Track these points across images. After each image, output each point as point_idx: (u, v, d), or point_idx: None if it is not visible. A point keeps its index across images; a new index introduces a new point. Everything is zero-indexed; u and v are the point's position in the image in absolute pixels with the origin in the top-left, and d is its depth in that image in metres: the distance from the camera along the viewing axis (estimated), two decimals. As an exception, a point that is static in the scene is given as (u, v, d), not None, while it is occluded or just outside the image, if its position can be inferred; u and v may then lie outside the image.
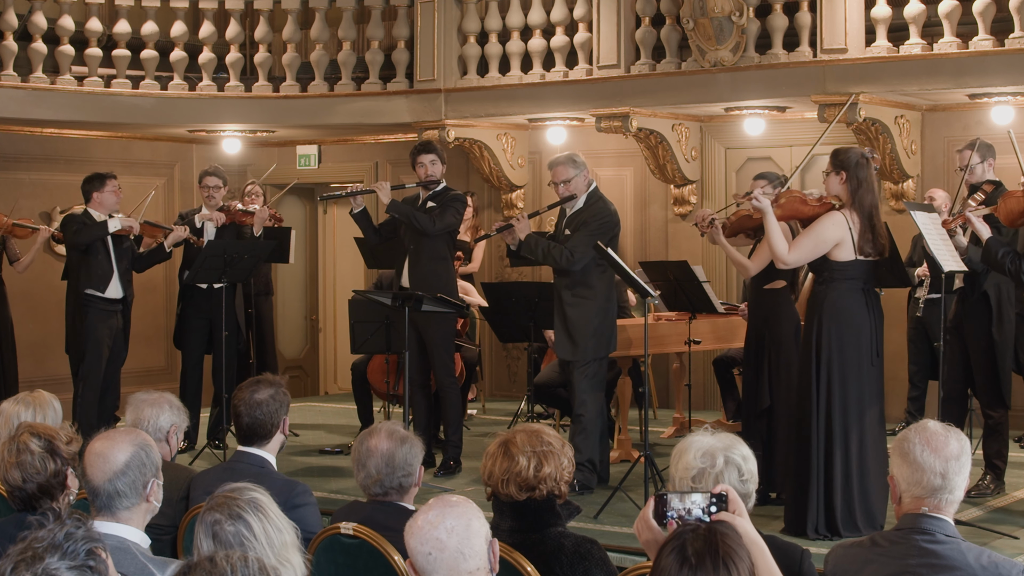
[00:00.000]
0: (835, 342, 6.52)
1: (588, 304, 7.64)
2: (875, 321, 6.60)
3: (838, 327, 6.52)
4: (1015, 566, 3.28)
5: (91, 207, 8.99)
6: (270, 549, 3.13)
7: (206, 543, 3.16)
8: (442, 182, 8.47)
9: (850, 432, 6.51)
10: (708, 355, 9.93)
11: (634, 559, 5.73)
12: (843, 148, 6.74)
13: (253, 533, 3.14)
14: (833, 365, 6.52)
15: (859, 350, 6.55)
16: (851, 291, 6.54)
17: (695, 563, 2.56)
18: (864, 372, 6.56)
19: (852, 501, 6.48)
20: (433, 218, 8.20)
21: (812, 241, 6.54)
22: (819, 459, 6.51)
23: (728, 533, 2.64)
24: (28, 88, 10.84)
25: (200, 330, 9.32)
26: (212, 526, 3.16)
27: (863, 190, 6.51)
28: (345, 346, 10.39)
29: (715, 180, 11.13)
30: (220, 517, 3.17)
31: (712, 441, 3.43)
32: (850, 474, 6.49)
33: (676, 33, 10.16)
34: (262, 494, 3.25)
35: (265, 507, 3.20)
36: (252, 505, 3.18)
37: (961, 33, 9.05)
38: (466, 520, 3.03)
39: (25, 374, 9.84)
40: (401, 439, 4.19)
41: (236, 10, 11.51)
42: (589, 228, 7.66)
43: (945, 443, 3.38)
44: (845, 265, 6.51)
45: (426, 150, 8.44)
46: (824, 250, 6.52)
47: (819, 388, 6.53)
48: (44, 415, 4.92)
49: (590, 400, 7.68)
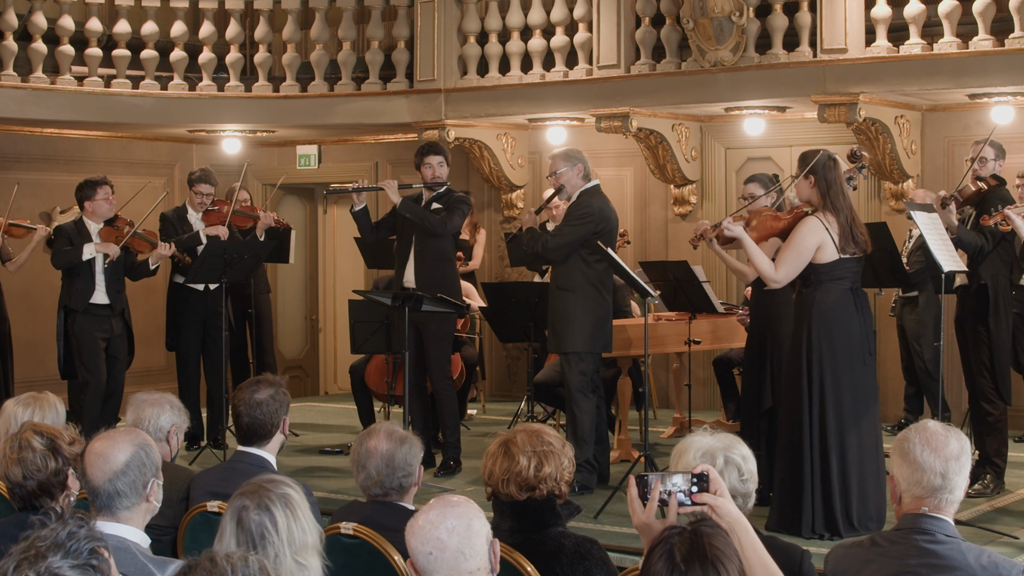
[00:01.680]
0: (825, 344, 6.53)
1: (568, 297, 7.66)
2: (865, 320, 6.60)
3: (828, 329, 6.53)
4: (1015, 566, 3.28)
5: (85, 216, 8.90)
6: (289, 548, 3.15)
7: (230, 526, 3.19)
8: (447, 183, 8.48)
9: (847, 433, 6.51)
10: (708, 355, 9.93)
11: (634, 559, 5.73)
12: (810, 151, 6.74)
13: (276, 528, 3.16)
14: (825, 367, 6.52)
15: (850, 350, 6.55)
16: (838, 292, 6.55)
17: (684, 568, 2.57)
18: (857, 372, 6.56)
19: (850, 501, 6.48)
20: (444, 220, 8.23)
21: (795, 252, 6.56)
22: (815, 461, 6.51)
23: (715, 534, 2.65)
24: (28, 88, 10.84)
25: (195, 331, 9.30)
26: (239, 511, 3.20)
27: (834, 190, 6.53)
28: (345, 346, 10.39)
29: (715, 180, 11.14)
30: (249, 504, 3.20)
31: (712, 441, 3.44)
32: (847, 474, 6.49)
33: (676, 33, 10.16)
34: (296, 491, 3.27)
35: (296, 505, 3.22)
36: (283, 500, 3.21)
37: (961, 33, 9.06)
38: (467, 520, 3.03)
39: (24, 374, 9.83)
40: (401, 439, 4.19)
41: (236, 10, 11.51)
42: (568, 221, 7.73)
43: (945, 443, 3.38)
44: (830, 267, 6.53)
45: (434, 151, 8.43)
46: (808, 258, 6.54)
47: (811, 391, 6.53)
48: (44, 416, 4.92)
49: (582, 400, 7.67)
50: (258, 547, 3.13)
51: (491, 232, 12.03)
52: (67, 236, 8.84)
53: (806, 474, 6.50)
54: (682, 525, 2.71)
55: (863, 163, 7.39)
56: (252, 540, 3.15)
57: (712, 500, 3.02)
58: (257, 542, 3.14)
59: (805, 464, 6.51)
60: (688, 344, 8.63)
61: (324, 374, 13.61)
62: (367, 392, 9.43)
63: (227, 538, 3.18)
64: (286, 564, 3.14)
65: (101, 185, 8.91)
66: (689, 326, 8.61)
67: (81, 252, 8.75)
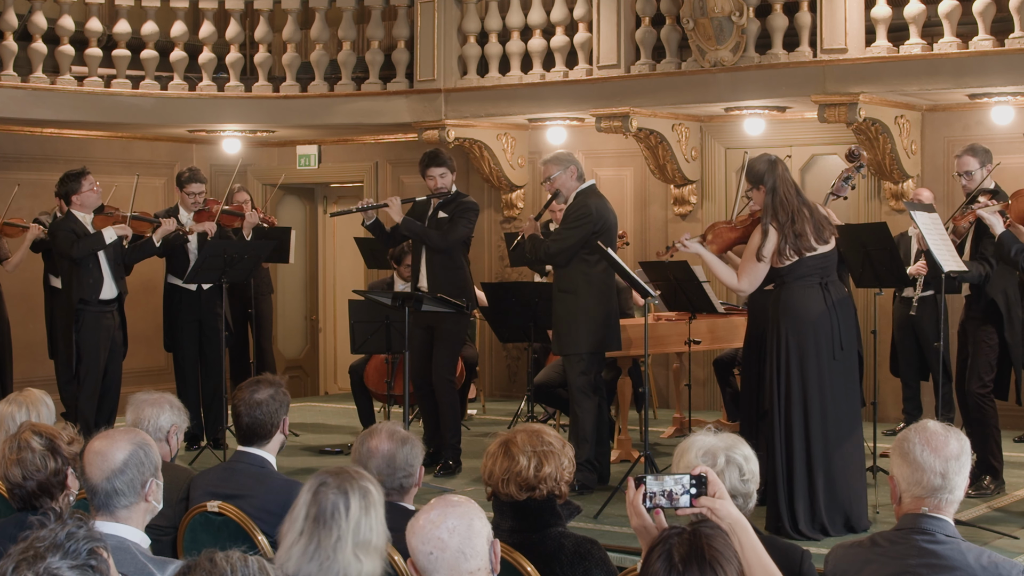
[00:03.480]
0: (792, 339, 6.54)
1: (569, 299, 7.66)
2: (836, 315, 6.58)
3: (792, 324, 6.55)
4: (1015, 566, 3.28)
5: (73, 209, 8.79)
6: (352, 537, 3.19)
7: (305, 495, 3.25)
8: (453, 189, 8.46)
9: (812, 429, 6.49)
10: (708, 355, 9.93)
11: (634, 559, 5.72)
12: (752, 160, 6.77)
13: (348, 514, 3.21)
14: (791, 362, 6.53)
15: (817, 345, 6.54)
16: (804, 288, 6.57)
17: (682, 569, 2.57)
18: (826, 369, 6.55)
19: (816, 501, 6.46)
20: (444, 235, 8.24)
21: (751, 261, 6.63)
22: (781, 459, 6.51)
23: (714, 535, 2.65)
24: (28, 88, 10.83)
25: (191, 331, 9.28)
26: (319, 485, 3.26)
27: (777, 196, 6.53)
28: (345, 346, 10.39)
29: (715, 180, 11.13)
30: (330, 482, 3.25)
31: (714, 441, 3.44)
32: (813, 472, 6.47)
33: (676, 33, 10.16)
34: (378, 491, 3.31)
35: (372, 501, 3.27)
36: (362, 492, 3.26)
37: (961, 33, 9.05)
38: (468, 520, 3.04)
39: (22, 374, 9.83)
40: (402, 440, 4.19)
41: (236, 10, 11.51)
42: (566, 224, 7.74)
43: (945, 443, 3.38)
44: (791, 267, 6.57)
45: (436, 163, 8.35)
46: (765, 264, 6.58)
47: (778, 387, 6.55)
48: (38, 413, 4.92)
49: (584, 401, 7.68)
50: (326, 524, 3.18)
51: (491, 232, 12.03)
52: (69, 229, 8.74)
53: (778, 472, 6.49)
54: (681, 526, 2.71)
55: (861, 163, 7.39)
56: (322, 516, 3.20)
57: (711, 503, 3.02)
58: (326, 520, 3.19)
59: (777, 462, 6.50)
60: (688, 344, 8.62)
61: (324, 374, 13.61)
62: (367, 392, 9.43)
63: (299, 508, 3.24)
64: (345, 552, 3.17)
65: (85, 176, 8.85)
66: (689, 326, 8.60)
67: (103, 237, 8.67)
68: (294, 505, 3.27)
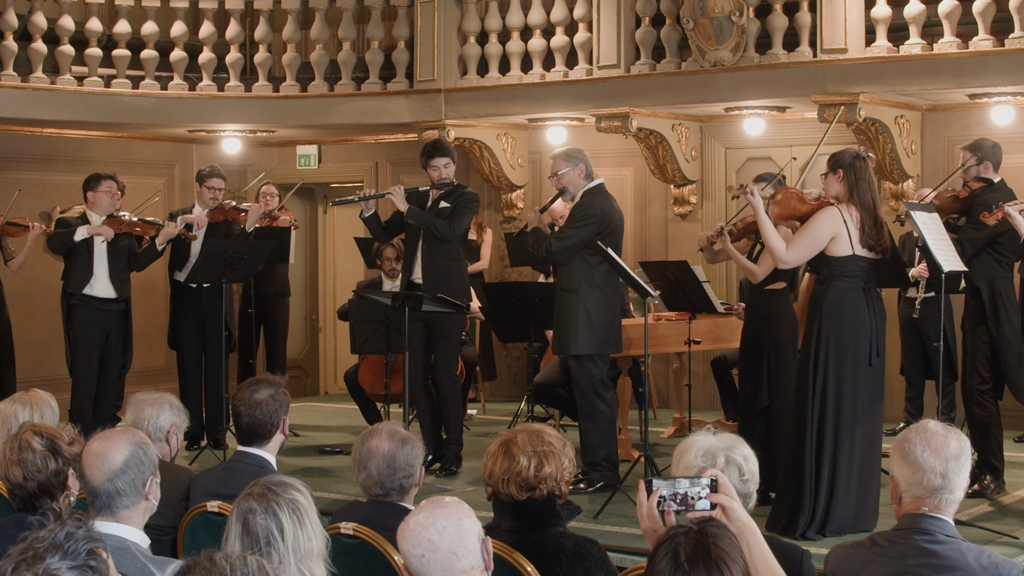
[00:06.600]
0: (833, 342, 6.51)
1: (571, 298, 7.63)
2: (876, 321, 6.58)
3: (836, 327, 6.51)
4: (1015, 566, 3.28)
5: (88, 208, 8.97)
6: (294, 555, 3.12)
7: (235, 528, 3.16)
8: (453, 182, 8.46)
9: (842, 435, 6.49)
10: (708, 355, 9.92)
11: (634, 559, 5.73)
12: (839, 150, 6.74)
13: (283, 534, 3.13)
14: (830, 365, 6.51)
15: (857, 351, 6.52)
16: (850, 290, 6.53)
17: (688, 568, 2.56)
18: (861, 373, 6.54)
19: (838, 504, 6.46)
20: (451, 224, 8.20)
21: (808, 237, 6.54)
22: (812, 461, 6.51)
23: (720, 535, 2.64)
24: (28, 88, 10.84)
25: (194, 330, 9.29)
26: (245, 513, 3.16)
27: (861, 185, 6.51)
28: (345, 346, 10.38)
29: (715, 180, 11.13)
30: (256, 507, 3.16)
31: (714, 441, 3.43)
32: (838, 477, 6.48)
33: (676, 33, 10.16)
34: (305, 496, 3.23)
35: (303, 512, 3.18)
36: (291, 506, 3.17)
37: (961, 33, 9.05)
38: (457, 520, 3.03)
39: (25, 374, 9.82)
40: (402, 440, 4.19)
41: (236, 10, 11.51)
42: (571, 222, 7.70)
43: (945, 443, 3.38)
44: (843, 261, 6.50)
45: (439, 153, 8.34)
46: (821, 245, 6.51)
47: (815, 389, 6.51)
48: (41, 414, 4.92)
49: (596, 401, 7.64)
50: (263, 552, 3.10)
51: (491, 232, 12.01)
52: (67, 223, 8.91)
53: (806, 475, 6.49)
54: (688, 525, 2.71)
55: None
56: (257, 544, 3.12)
57: (727, 501, 3.02)
58: (262, 547, 3.11)
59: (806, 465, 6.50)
60: (688, 344, 8.63)
61: (324, 374, 13.62)
62: (364, 395, 9.42)
63: (232, 540, 3.16)
64: (290, 571, 3.12)
65: (106, 179, 9.00)
66: (689, 326, 8.61)
67: (74, 233, 8.80)
68: (225, 538, 3.17)
